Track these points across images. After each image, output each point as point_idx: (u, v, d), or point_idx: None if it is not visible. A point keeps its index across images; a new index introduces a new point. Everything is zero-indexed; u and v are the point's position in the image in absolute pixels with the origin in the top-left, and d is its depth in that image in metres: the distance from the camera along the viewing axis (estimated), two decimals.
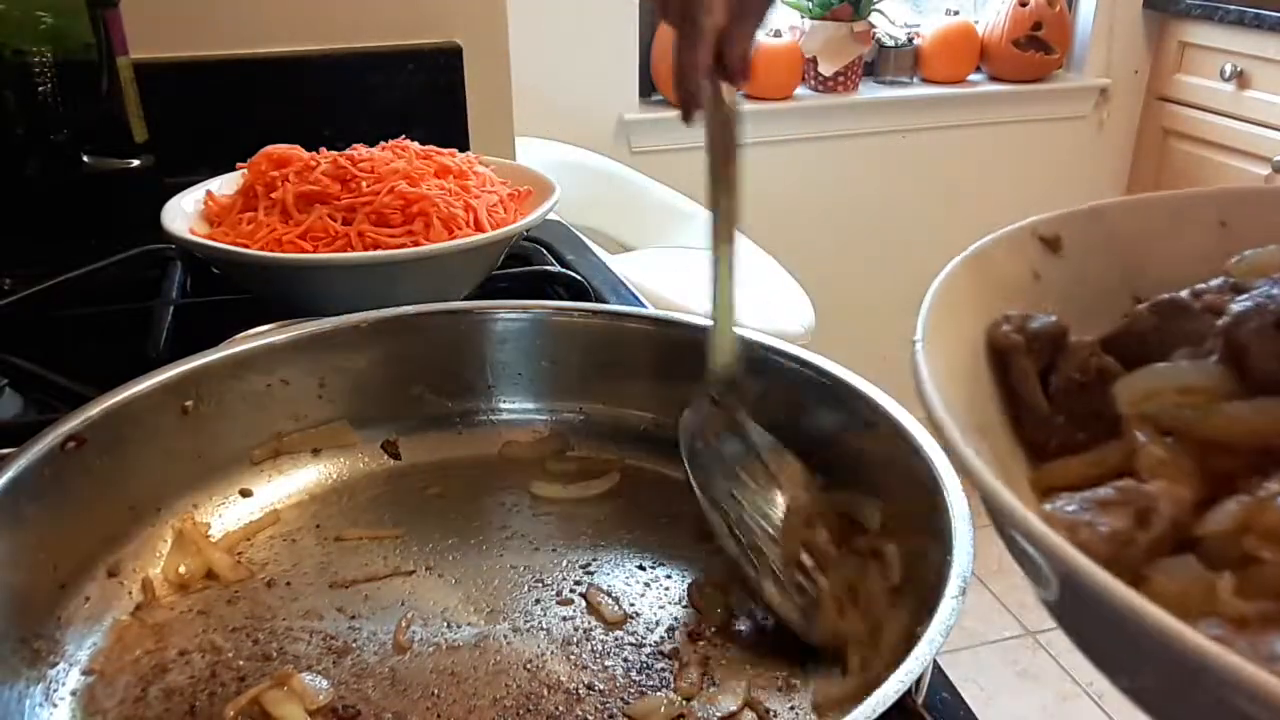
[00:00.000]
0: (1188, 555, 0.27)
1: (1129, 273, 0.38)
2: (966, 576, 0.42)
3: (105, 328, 0.81)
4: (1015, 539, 0.26)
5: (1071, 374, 0.35)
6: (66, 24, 0.89)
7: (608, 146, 2.22)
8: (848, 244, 2.46)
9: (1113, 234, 0.39)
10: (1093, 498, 0.29)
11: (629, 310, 0.71)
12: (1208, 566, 0.27)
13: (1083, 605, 0.25)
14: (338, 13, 1.12)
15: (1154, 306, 0.35)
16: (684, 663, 0.48)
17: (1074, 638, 0.28)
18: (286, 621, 0.51)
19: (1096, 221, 0.39)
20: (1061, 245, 0.39)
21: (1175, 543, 0.28)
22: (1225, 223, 0.38)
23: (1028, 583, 0.28)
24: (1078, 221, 0.39)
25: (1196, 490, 0.29)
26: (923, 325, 0.32)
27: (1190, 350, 0.33)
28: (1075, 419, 0.34)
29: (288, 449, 0.62)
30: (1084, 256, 0.39)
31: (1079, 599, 0.25)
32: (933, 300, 0.34)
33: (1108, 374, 0.34)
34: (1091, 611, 0.24)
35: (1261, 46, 2.14)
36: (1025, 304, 0.36)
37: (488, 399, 0.67)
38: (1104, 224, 0.40)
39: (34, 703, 0.45)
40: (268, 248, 0.75)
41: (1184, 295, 0.34)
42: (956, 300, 0.35)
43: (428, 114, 1.13)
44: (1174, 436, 0.31)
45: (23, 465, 0.49)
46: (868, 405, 0.55)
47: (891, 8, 2.46)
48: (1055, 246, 0.38)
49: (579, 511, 0.61)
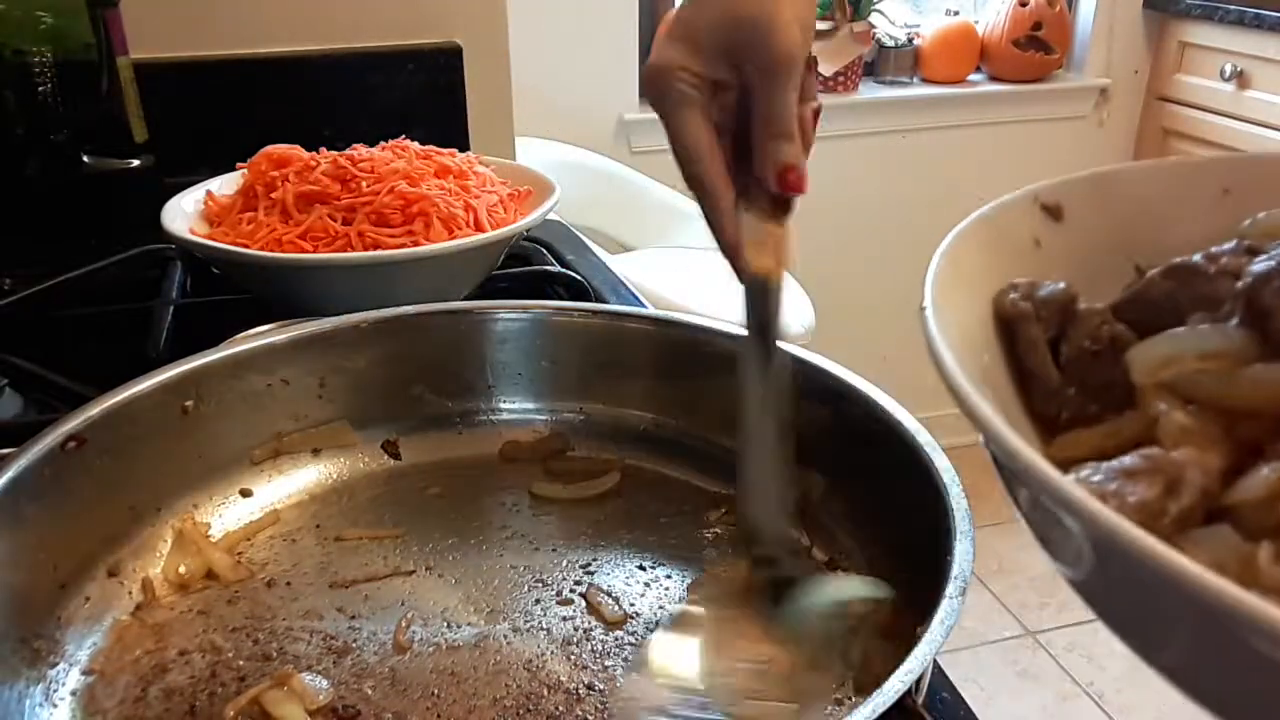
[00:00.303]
0: (1222, 525, 0.26)
1: (1131, 241, 0.37)
2: (966, 576, 0.42)
3: (105, 328, 0.81)
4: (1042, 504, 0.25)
5: (1082, 343, 0.33)
6: (66, 24, 0.89)
7: (608, 146, 2.22)
8: (848, 244, 2.46)
9: (1114, 201, 0.38)
10: (1119, 467, 0.28)
11: (629, 310, 0.71)
12: (1244, 536, 0.25)
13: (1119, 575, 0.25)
14: (338, 13, 1.12)
15: (1167, 271, 0.33)
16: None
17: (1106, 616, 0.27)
18: (286, 621, 0.51)
19: (1098, 189, 0.39)
20: (1063, 213, 0.38)
21: (1206, 513, 0.27)
22: (1228, 189, 0.37)
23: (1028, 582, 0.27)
24: (1079, 188, 0.38)
25: (1224, 458, 0.28)
26: (930, 293, 0.31)
27: (1207, 315, 0.31)
28: (1087, 390, 0.33)
29: (288, 449, 0.62)
30: (1085, 224, 0.38)
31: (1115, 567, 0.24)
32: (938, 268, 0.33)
33: (1120, 342, 0.33)
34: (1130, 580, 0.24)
35: (1261, 46, 2.14)
36: (1028, 272, 0.35)
37: (488, 399, 0.67)
38: (1106, 191, 0.39)
39: (34, 703, 0.45)
40: (268, 248, 0.75)
41: (1198, 259, 0.33)
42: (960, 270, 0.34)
43: (428, 114, 1.13)
44: (1196, 404, 0.29)
45: (23, 465, 0.49)
46: (868, 405, 0.55)
47: (891, 8, 2.46)
48: (1057, 214, 0.37)
49: (579, 511, 0.61)
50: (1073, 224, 0.38)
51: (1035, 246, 0.37)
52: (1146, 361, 0.31)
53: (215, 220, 0.81)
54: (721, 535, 0.58)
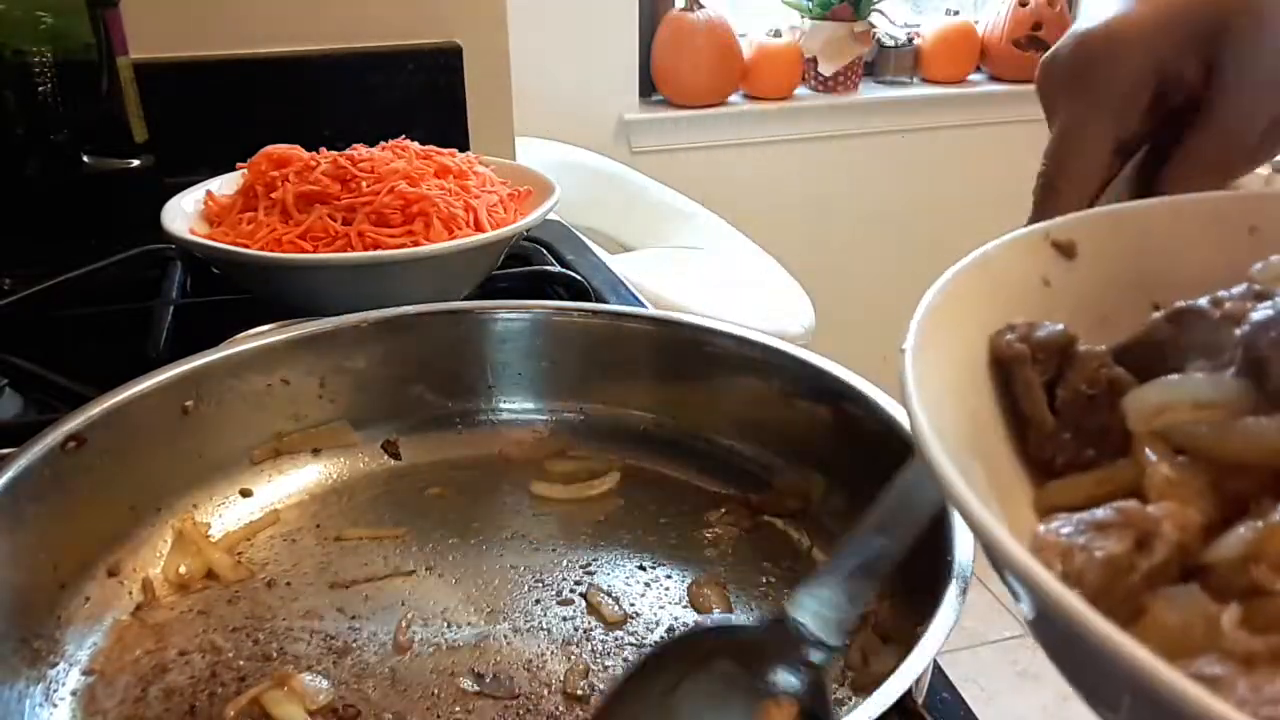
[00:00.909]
0: (1192, 584, 0.25)
1: (1150, 280, 0.36)
2: (967, 576, 0.42)
3: (105, 328, 0.81)
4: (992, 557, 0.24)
5: (1079, 386, 0.32)
6: (66, 24, 0.89)
7: (608, 146, 2.22)
8: (848, 244, 2.46)
9: (1133, 239, 0.37)
10: (1090, 519, 0.27)
11: (629, 310, 0.71)
12: (1214, 597, 0.25)
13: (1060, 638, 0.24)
14: (338, 13, 1.12)
15: (1171, 315, 0.32)
16: None
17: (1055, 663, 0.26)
18: (286, 621, 0.51)
19: (1116, 226, 0.37)
20: (1076, 250, 0.36)
21: (1183, 570, 0.26)
22: (1255, 228, 0.36)
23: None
24: (1095, 225, 0.37)
25: (1209, 513, 0.27)
26: (915, 333, 0.30)
27: (1207, 362, 0.30)
28: (1083, 434, 0.32)
29: (288, 449, 0.62)
30: (1100, 262, 0.36)
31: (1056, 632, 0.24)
32: (929, 307, 0.32)
33: (1118, 386, 0.32)
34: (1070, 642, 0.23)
35: None
36: (1034, 312, 0.34)
37: (488, 399, 0.67)
38: (1124, 228, 0.37)
39: (34, 703, 0.45)
40: (268, 248, 0.75)
41: (1203, 303, 0.32)
42: (957, 308, 0.33)
43: (428, 114, 1.13)
44: (1188, 455, 0.28)
45: (23, 465, 0.49)
46: (868, 405, 0.55)
47: (891, 8, 2.46)
48: (1069, 252, 0.36)
49: (579, 511, 0.60)
50: (1087, 262, 0.36)
51: (1043, 285, 0.35)
52: (1141, 408, 0.30)
53: (215, 220, 0.81)
54: (721, 535, 0.58)
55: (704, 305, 1.75)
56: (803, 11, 2.35)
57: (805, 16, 2.35)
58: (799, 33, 2.36)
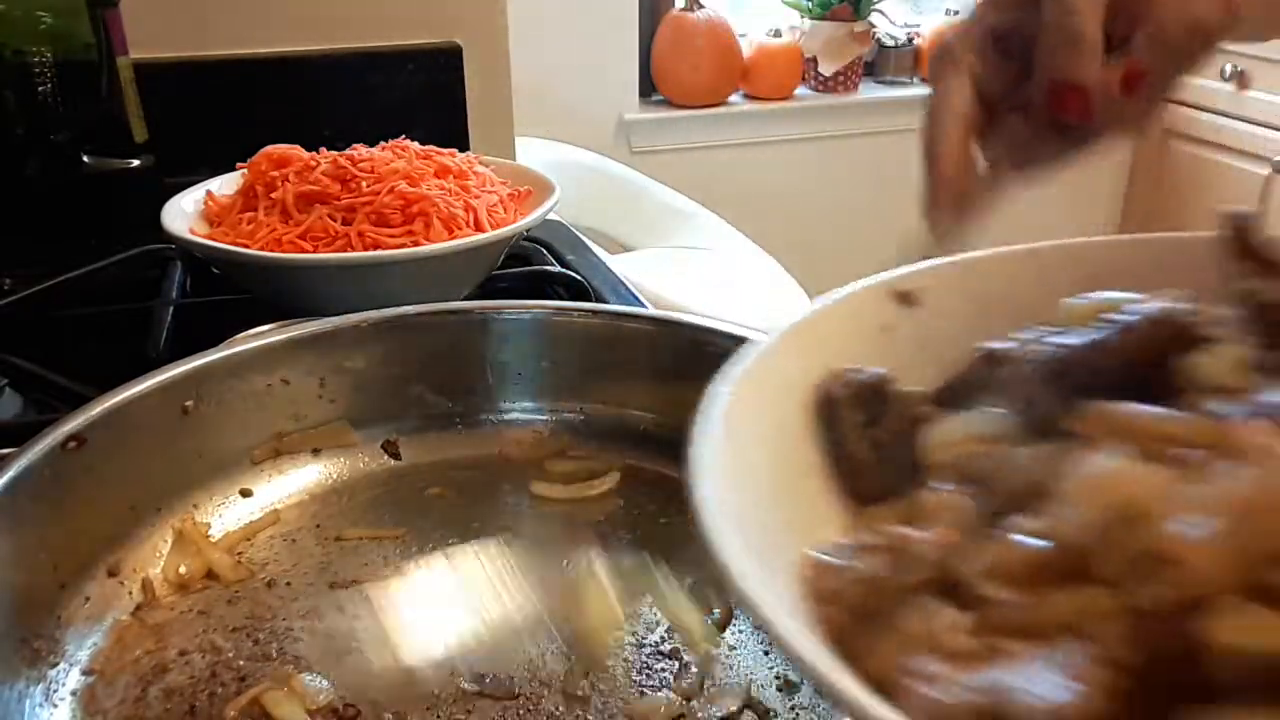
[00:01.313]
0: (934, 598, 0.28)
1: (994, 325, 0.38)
2: None
3: (105, 328, 0.81)
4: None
5: (892, 424, 0.36)
6: (66, 24, 0.89)
7: (608, 146, 2.22)
8: (847, 243, 2.46)
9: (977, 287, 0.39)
10: (857, 544, 0.30)
11: (629, 310, 0.71)
12: (960, 606, 0.27)
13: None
14: (338, 13, 1.12)
15: (985, 356, 0.36)
16: (684, 663, 0.49)
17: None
18: (286, 621, 0.51)
19: (961, 275, 0.40)
20: (917, 299, 0.39)
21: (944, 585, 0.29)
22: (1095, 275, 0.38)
23: None
24: (941, 275, 0.40)
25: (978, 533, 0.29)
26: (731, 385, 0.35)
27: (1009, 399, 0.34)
28: (898, 469, 0.35)
29: (288, 449, 0.62)
30: (943, 309, 0.39)
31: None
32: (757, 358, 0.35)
33: (923, 423, 0.35)
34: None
35: (1261, 46, 2.14)
36: (871, 359, 0.37)
37: (488, 399, 0.67)
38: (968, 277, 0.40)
39: (34, 703, 0.45)
40: (268, 248, 0.75)
41: (1010, 345, 0.35)
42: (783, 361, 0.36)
43: (428, 114, 1.13)
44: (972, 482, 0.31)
45: (23, 465, 0.49)
46: None
47: (891, 8, 2.46)
48: (910, 300, 0.39)
49: (579, 511, 0.61)
50: (929, 309, 0.39)
51: (880, 333, 0.39)
52: (932, 442, 0.34)
53: (215, 220, 0.81)
54: None
55: (704, 305, 1.75)
56: (803, 11, 2.35)
57: (805, 16, 2.35)
58: (799, 33, 2.36)
